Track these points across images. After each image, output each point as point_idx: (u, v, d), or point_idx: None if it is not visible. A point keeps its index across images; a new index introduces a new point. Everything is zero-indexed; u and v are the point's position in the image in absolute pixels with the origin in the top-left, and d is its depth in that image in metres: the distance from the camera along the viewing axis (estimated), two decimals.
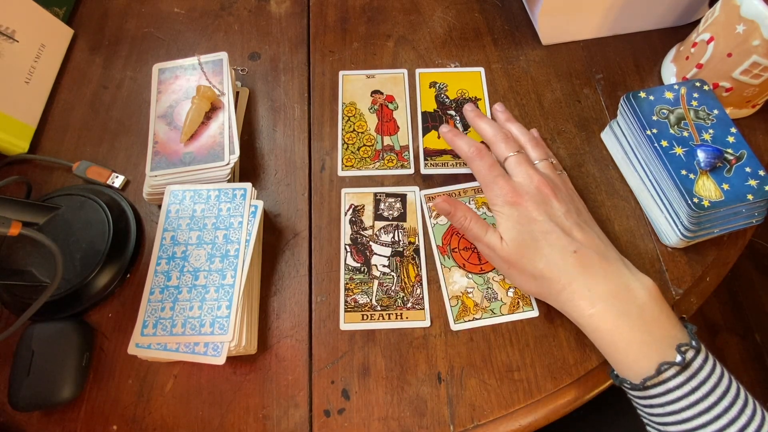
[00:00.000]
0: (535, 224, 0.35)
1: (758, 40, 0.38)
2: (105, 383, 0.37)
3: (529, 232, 0.35)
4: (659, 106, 0.40)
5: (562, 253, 0.34)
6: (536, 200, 0.35)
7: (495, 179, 0.37)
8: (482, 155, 0.38)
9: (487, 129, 0.41)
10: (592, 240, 0.35)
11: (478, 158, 0.38)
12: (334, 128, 0.47)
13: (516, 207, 0.35)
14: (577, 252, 0.33)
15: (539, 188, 0.36)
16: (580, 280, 0.33)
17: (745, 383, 0.30)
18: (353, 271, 0.40)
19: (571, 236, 0.34)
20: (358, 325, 0.38)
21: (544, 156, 0.40)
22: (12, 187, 0.44)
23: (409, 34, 0.52)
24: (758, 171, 0.37)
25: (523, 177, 0.37)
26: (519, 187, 0.36)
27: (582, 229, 0.35)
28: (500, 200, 0.36)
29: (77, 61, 0.51)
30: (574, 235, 0.34)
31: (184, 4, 0.54)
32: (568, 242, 0.34)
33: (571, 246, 0.34)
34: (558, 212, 0.35)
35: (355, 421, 0.35)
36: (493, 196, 0.37)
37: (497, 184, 0.37)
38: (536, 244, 0.34)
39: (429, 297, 0.39)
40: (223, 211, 0.38)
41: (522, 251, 0.35)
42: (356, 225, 0.42)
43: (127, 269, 0.40)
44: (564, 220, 0.35)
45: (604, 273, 0.33)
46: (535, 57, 0.50)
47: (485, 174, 0.38)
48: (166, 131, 0.42)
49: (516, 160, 0.38)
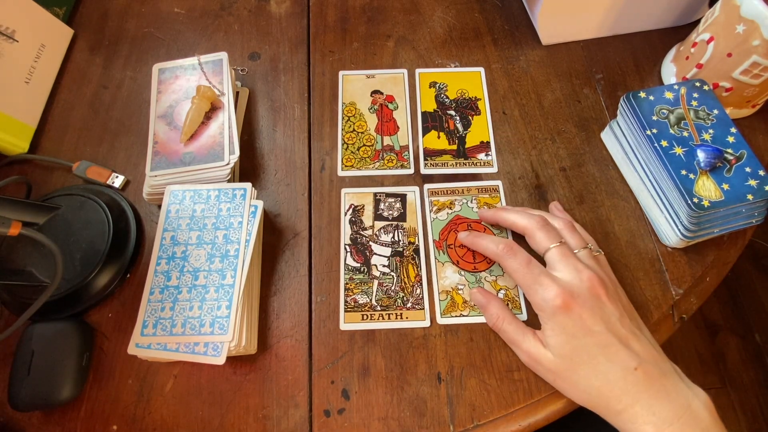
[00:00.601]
0: (591, 336, 0.31)
1: (758, 40, 0.38)
2: (105, 383, 0.37)
3: (583, 345, 0.31)
4: (659, 106, 0.40)
5: (623, 371, 0.30)
6: (590, 305, 0.31)
7: (538, 279, 0.33)
8: (515, 252, 0.34)
9: (518, 218, 0.37)
10: (650, 351, 0.31)
11: (511, 256, 0.34)
12: (334, 128, 0.47)
13: (568, 314, 0.31)
14: (638, 369, 0.30)
15: (591, 289, 0.32)
16: (643, 401, 0.30)
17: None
18: (353, 271, 0.40)
19: (630, 348, 0.31)
20: (358, 325, 0.38)
21: (583, 243, 0.36)
22: (12, 187, 0.44)
23: (409, 34, 0.52)
24: (758, 171, 0.37)
25: (571, 274, 0.33)
26: (568, 287, 0.32)
27: (638, 337, 0.32)
28: (549, 306, 0.32)
29: (77, 61, 0.51)
30: (633, 346, 0.31)
31: (184, 4, 0.54)
32: (629, 357, 0.30)
33: (633, 362, 0.30)
34: (613, 317, 0.32)
35: (355, 421, 0.35)
36: (539, 300, 0.32)
37: (542, 285, 0.32)
38: (592, 360, 0.31)
39: (428, 297, 0.39)
40: (223, 211, 0.38)
41: (574, 366, 0.31)
42: (356, 225, 0.42)
43: (127, 269, 0.40)
44: (620, 327, 0.31)
45: (666, 392, 0.30)
46: (535, 57, 0.50)
47: (524, 273, 0.33)
48: (166, 131, 0.42)
49: (559, 252, 0.34)
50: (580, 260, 0.34)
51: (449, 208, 0.42)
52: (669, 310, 0.39)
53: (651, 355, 0.31)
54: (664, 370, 0.31)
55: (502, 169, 0.44)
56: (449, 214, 0.42)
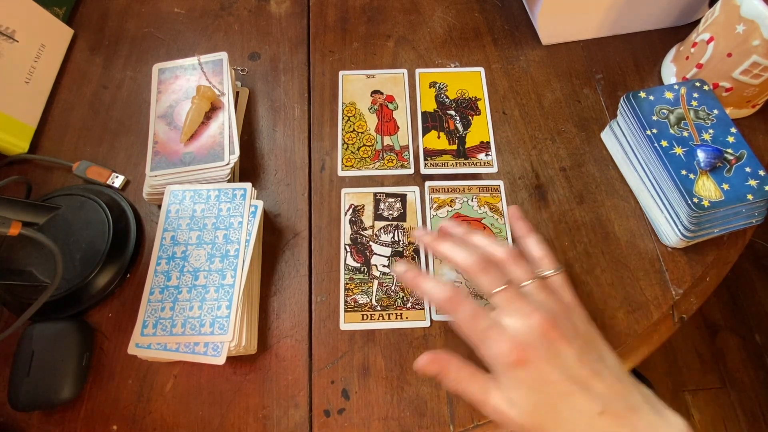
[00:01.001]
0: (550, 386, 0.29)
1: (758, 40, 0.38)
2: (105, 383, 0.37)
3: (546, 398, 0.29)
4: (659, 106, 0.40)
5: (588, 418, 0.28)
6: (544, 353, 0.29)
7: (486, 333, 0.30)
8: (458, 304, 0.31)
9: (457, 255, 0.33)
10: (614, 387, 0.29)
11: (454, 310, 0.31)
12: (334, 128, 0.47)
13: (523, 369, 0.29)
14: (603, 413, 0.28)
15: (543, 334, 0.29)
16: None
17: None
18: (353, 271, 0.40)
19: (592, 391, 0.29)
20: (358, 325, 0.38)
21: (530, 274, 0.32)
22: (12, 187, 0.44)
23: (409, 34, 0.52)
24: (758, 171, 0.37)
25: (520, 321, 0.30)
26: (519, 338, 0.29)
27: (599, 374, 0.29)
28: (501, 362, 0.29)
29: (77, 61, 0.51)
30: (595, 388, 0.29)
31: (184, 4, 0.54)
32: (592, 402, 0.28)
33: (597, 406, 0.28)
34: (570, 360, 0.29)
35: (355, 421, 0.35)
36: (490, 357, 0.30)
37: (491, 340, 0.30)
38: (556, 412, 0.29)
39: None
40: (223, 211, 0.38)
41: (539, 421, 0.29)
42: (356, 225, 0.42)
43: (127, 269, 0.40)
44: (579, 369, 0.29)
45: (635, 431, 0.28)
46: (535, 57, 0.50)
47: (470, 329, 0.31)
48: (166, 131, 0.42)
49: (504, 297, 0.31)
50: (528, 301, 0.31)
51: (449, 206, 0.43)
52: (669, 310, 0.39)
53: (615, 391, 0.29)
54: (632, 405, 0.29)
55: (502, 169, 0.44)
56: (449, 212, 0.42)
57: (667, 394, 1.07)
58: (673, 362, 1.10)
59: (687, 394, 1.07)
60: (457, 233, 0.36)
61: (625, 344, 0.38)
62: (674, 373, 1.09)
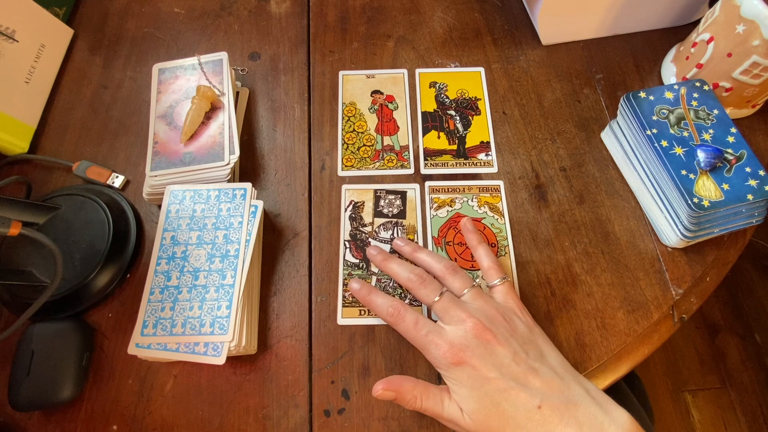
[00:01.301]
0: (488, 383, 0.31)
1: (758, 40, 0.38)
2: (105, 383, 0.37)
3: (486, 395, 0.31)
4: (659, 106, 0.40)
5: (527, 412, 0.30)
6: (479, 353, 0.31)
7: (427, 338, 0.33)
8: (401, 316, 0.34)
9: (399, 273, 0.37)
10: (552, 382, 0.31)
11: (399, 321, 0.34)
12: (334, 128, 0.47)
13: (462, 368, 0.31)
14: (541, 406, 0.30)
15: (478, 336, 0.32)
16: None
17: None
18: (352, 267, 0.40)
19: (529, 387, 0.30)
20: (356, 320, 0.38)
21: (467, 283, 0.35)
22: (12, 187, 0.44)
23: (409, 34, 0.52)
24: (758, 171, 0.37)
25: (456, 326, 0.33)
26: (456, 341, 0.32)
27: (536, 371, 0.31)
28: (442, 364, 0.32)
29: (77, 61, 0.51)
30: (532, 384, 0.31)
31: (184, 4, 0.54)
32: (529, 396, 0.30)
33: (534, 400, 0.30)
34: (506, 359, 0.31)
35: (355, 421, 0.35)
36: (434, 360, 0.33)
37: (432, 344, 0.32)
38: (498, 409, 0.30)
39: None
40: (223, 211, 0.38)
41: (487, 422, 0.31)
42: (356, 221, 0.42)
43: (127, 269, 0.40)
44: (515, 367, 0.31)
45: (577, 423, 0.29)
46: (535, 57, 0.50)
47: (414, 336, 0.33)
48: (166, 131, 0.42)
49: (441, 306, 0.34)
50: (463, 308, 0.33)
51: (449, 206, 0.43)
52: (669, 310, 0.39)
53: (554, 386, 0.31)
54: (571, 399, 0.30)
55: (502, 169, 0.44)
56: (449, 212, 0.42)
57: (667, 394, 1.07)
58: (673, 362, 1.10)
59: (687, 394, 1.07)
60: (405, 252, 0.39)
61: (625, 344, 0.38)
62: (674, 373, 1.09)
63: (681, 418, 1.05)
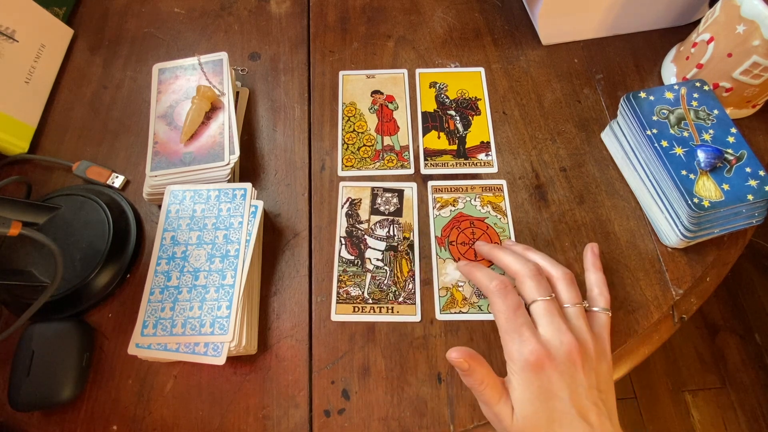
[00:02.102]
0: (554, 401, 0.30)
1: (758, 41, 0.38)
2: (105, 383, 0.37)
3: (545, 410, 0.30)
4: (659, 106, 0.40)
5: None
6: (561, 369, 0.30)
7: (519, 329, 0.32)
8: (506, 293, 0.33)
9: (512, 262, 0.35)
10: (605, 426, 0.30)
11: (501, 296, 0.33)
12: (334, 128, 0.47)
13: (538, 373, 0.30)
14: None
15: (568, 354, 0.31)
16: None
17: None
18: (347, 263, 0.40)
19: (587, 421, 0.30)
20: (350, 317, 0.38)
21: (577, 299, 0.34)
22: (12, 187, 0.44)
23: (409, 34, 0.52)
24: (758, 171, 0.37)
25: (553, 333, 0.31)
26: (546, 346, 0.31)
27: (598, 411, 0.31)
28: (521, 359, 0.31)
29: (77, 61, 0.51)
30: (590, 419, 0.30)
31: (184, 4, 0.54)
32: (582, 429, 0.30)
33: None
34: (581, 387, 0.31)
35: (355, 421, 0.35)
36: (513, 351, 0.31)
37: (521, 336, 0.31)
38: (549, 426, 0.30)
39: (421, 293, 0.39)
40: (223, 211, 0.38)
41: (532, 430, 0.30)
42: (352, 218, 0.42)
43: (127, 269, 0.40)
44: (584, 398, 0.30)
45: None
46: (535, 57, 0.50)
47: (507, 318, 0.32)
48: (166, 131, 0.42)
49: (545, 307, 0.32)
50: (566, 320, 0.33)
51: (452, 206, 0.43)
52: (669, 310, 0.39)
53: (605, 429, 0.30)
54: None
55: (502, 169, 0.44)
56: (452, 212, 0.42)
57: (667, 394, 1.07)
58: (673, 362, 1.10)
59: (687, 394, 1.07)
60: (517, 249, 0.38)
61: (625, 344, 0.38)
62: (674, 373, 1.09)
63: (681, 418, 1.05)
